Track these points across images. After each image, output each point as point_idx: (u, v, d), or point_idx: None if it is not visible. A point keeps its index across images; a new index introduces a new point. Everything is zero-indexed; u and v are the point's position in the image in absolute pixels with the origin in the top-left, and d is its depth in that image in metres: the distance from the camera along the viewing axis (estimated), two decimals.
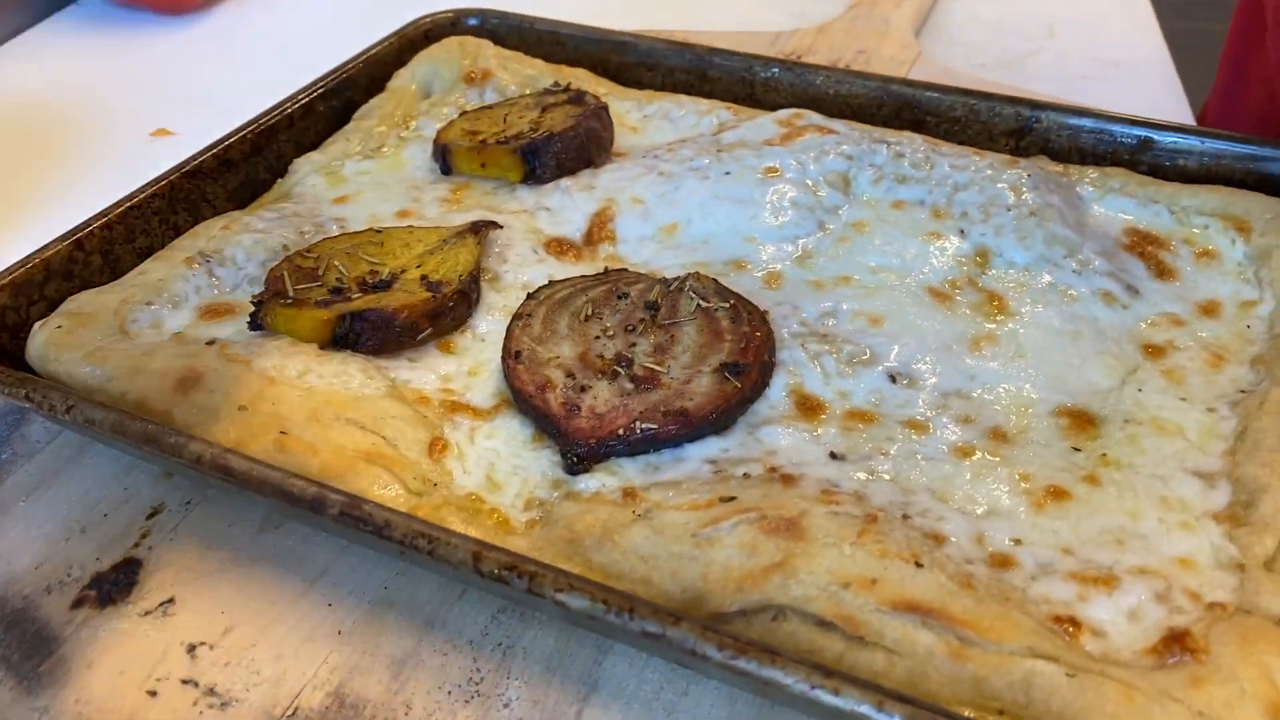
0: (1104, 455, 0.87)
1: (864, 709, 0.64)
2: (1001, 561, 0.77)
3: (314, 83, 1.30)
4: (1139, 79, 1.60)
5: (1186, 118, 1.52)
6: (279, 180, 1.23)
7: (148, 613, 0.83)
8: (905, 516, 0.80)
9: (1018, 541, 0.79)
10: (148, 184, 1.11)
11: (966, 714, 0.68)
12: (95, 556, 0.88)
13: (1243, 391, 0.92)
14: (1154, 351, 0.97)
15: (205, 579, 0.86)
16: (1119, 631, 0.73)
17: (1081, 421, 0.89)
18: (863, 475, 0.84)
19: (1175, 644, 0.71)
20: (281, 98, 1.31)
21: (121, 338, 0.97)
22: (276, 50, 1.75)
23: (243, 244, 1.07)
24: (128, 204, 1.09)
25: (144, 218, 1.10)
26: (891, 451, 0.87)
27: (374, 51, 1.38)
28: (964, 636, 0.70)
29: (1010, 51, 1.68)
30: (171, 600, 0.84)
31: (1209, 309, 1.02)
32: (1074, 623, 0.73)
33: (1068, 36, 1.72)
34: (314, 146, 1.28)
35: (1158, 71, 1.61)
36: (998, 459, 0.86)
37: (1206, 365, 0.95)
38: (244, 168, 1.21)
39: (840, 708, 0.64)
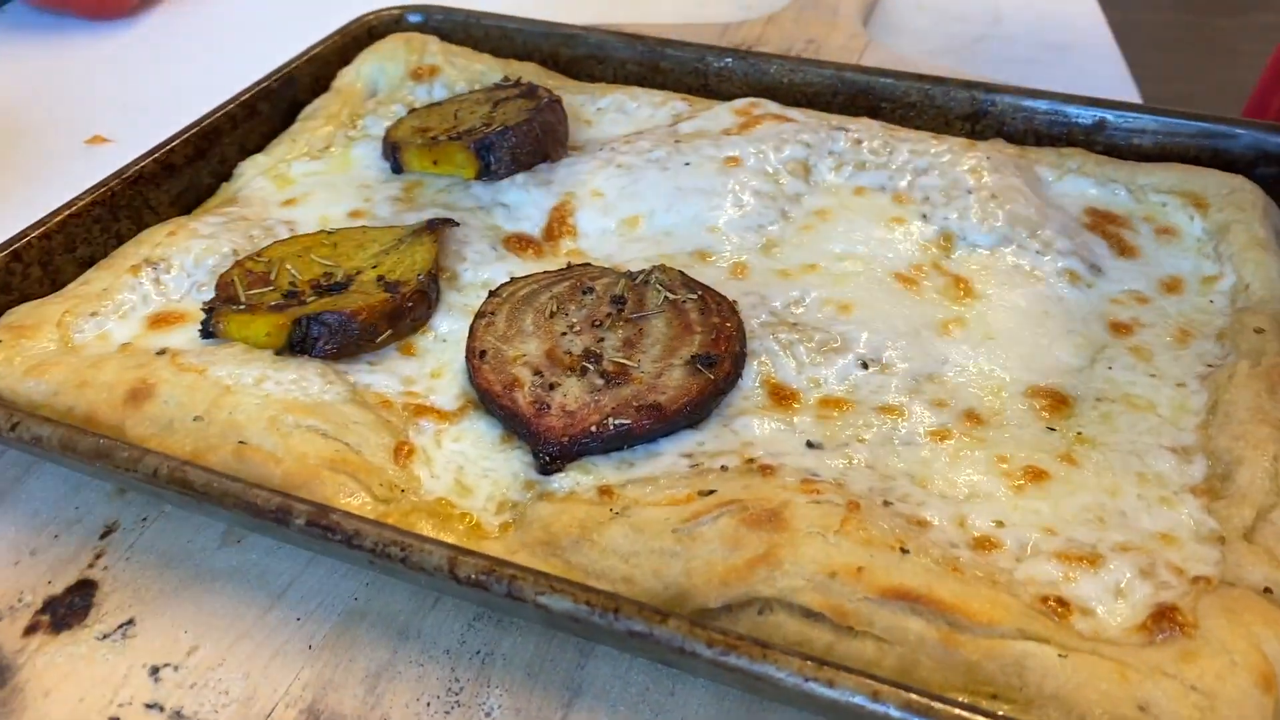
0: (1079, 434, 0.86)
1: (858, 700, 0.63)
2: (985, 544, 0.77)
3: (256, 83, 1.26)
4: (1086, 63, 1.61)
5: (1134, 96, 1.53)
6: (224, 184, 1.20)
7: (106, 635, 0.80)
8: (886, 503, 0.79)
9: (1000, 523, 0.78)
10: (87, 191, 1.07)
11: (960, 699, 0.67)
12: (47, 580, 0.84)
13: (1210, 365, 0.93)
14: (1121, 329, 0.97)
15: (166, 598, 0.82)
16: (1107, 609, 0.72)
17: (1055, 401, 0.89)
18: (841, 463, 0.83)
19: (1164, 619, 0.70)
20: (221, 99, 1.27)
21: (65, 351, 0.93)
22: (211, 53, 1.71)
23: (190, 250, 1.03)
24: (66, 212, 1.04)
25: (85, 226, 1.06)
26: (868, 438, 0.86)
27: (317, 50, 1.35)
28: (954, 621, 0.69)
29: (958, 38, 1.69)
30: (131, 622, 0.81)
31: (1171, 285, 1.02)
32: (1062, 603, 0.72)
33: (1014, 22, 1.73)
34: (259, 149, 1.24)
35: (1104, 55, 1.63)
36: (974, 441, 0.85)
37: (1173, 341, 0.95)
38: (187, 172, 1.17)
39: (835, 699, 0.63)
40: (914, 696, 0.62)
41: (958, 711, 0.62)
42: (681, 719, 0.74)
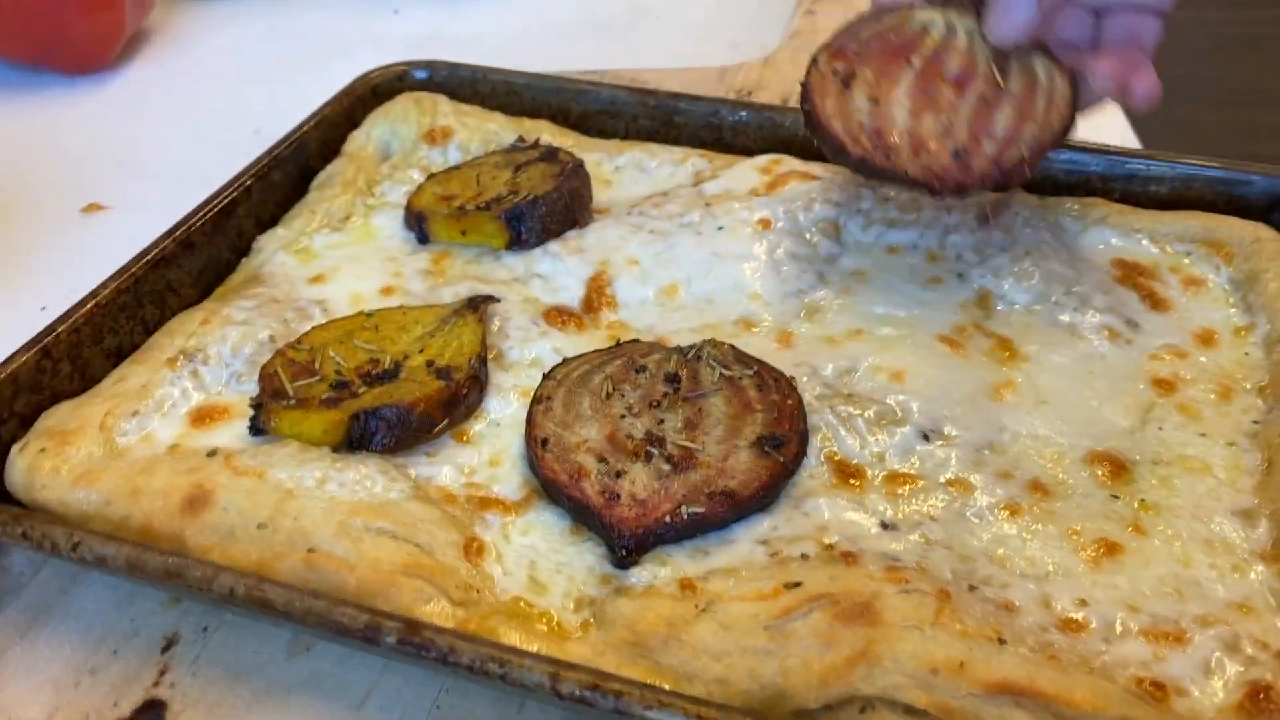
0: (1142, 500, 0.87)
1: None
2: (1072, 625, 0.77)
3: (269, 151, 1.24)
4: None
5: (1126, 130, 1.56)
6: (244, 260, 1.17)
7: None
8: (972, 587, 0.79)
9: (1083, 602, 0.79)
10: (111, 278, 1.04)
11: None
12: (113, 701, 0.81)
13: (1256, 422, 0.95)
14: (1165, 387, 0.98)
15: (240, 715, 0.80)
16: (1201, 690, 0.73)
17: (1115, 467, 0.90)
18: (919, 543, 0.83)
19: (1261, 700, 0.72)
20: (212, 154, 1.25)
21: (111, 455, 0.90)
22: (196, 104, 1.67)
23: (227, 339, 1.00)
24: (92, 302, 1.01)
25: (111, 315, 1.03)
26: (938, 515, 0.86)
27: (324, 113, 1.32)
28: (1059, 714, 0.70)
29: None
30: None
31: (1205, 338, 1.04)
32: (1157, 685, 0.73)
33: None
34: (274, 220, 1.21)
35: None
36: (1044, 514, 0.86)
37: (1217, 397, 0.97)
38: (206, 249, 1.14)
39: None
40: None
41: None
42: None
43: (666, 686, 0.73)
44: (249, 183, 1.20)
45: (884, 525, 0.85)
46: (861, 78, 1.00)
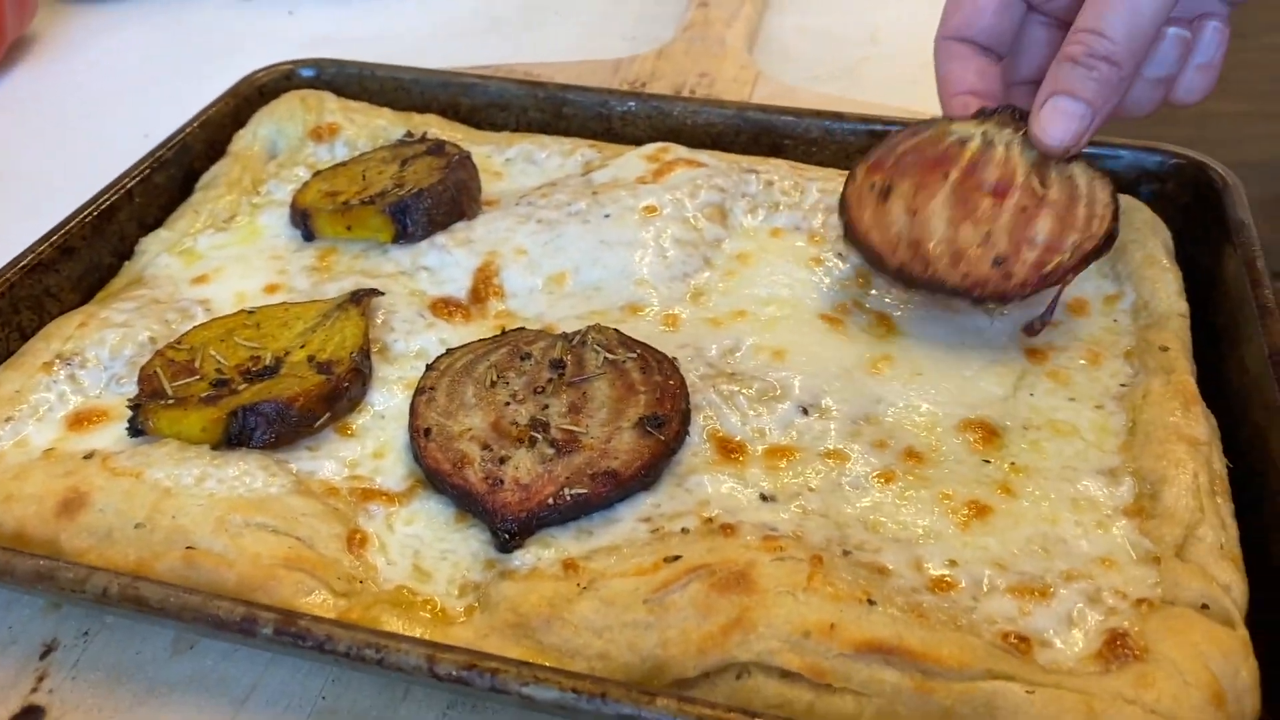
0: (1012, 463, 0.90)
1: None
2: (942, 585, 0.80)
3: (150, 153, 1.22)
4: None
5: None
6: (126, 263, 1.15)
7: None
8: (846, 552, 0.81)
9: (953, 563, 0.81)
10: None
11: None
12: None
13: (1123, 385, 0.98)
14: (1037, 356, 1.01)
15: (121, 716, 0.79)
16: (1063, 640, 0.76)
17: (986, 433, 0.93)
18: (796, 514, 0.85)
19: (1117, 646, 0.74)
20: (99, 160, 1.23)
21: None
22: (85, 110, 1.64)
23: (105, 341, 0.99)
24: None
25: None
26: (816, 485, 0.88)
27: (209, 113, 1.31)
28: (926, 669, 0.72)
29: (841, 60, 1.73)
30: None
31: (1078, 307, 1.08)
32: (1022, 638, 0.76)
33: (891, 41, 1.79)
34: (158, 222, 1.20)
35: None
36: (917, 480, 0.88)
37: (1087, 363, 1.00)
38: (86, 254, 1.12)
39: None
40: None
41: None
42: None
43: (548, 665, 0.74)
44: (130, 185, 1.18)
45: (763, 497, 0.87)
46: (898, 190, 1.01)
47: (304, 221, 1.16)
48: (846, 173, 1.19)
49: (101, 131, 1.58)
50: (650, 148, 1.24)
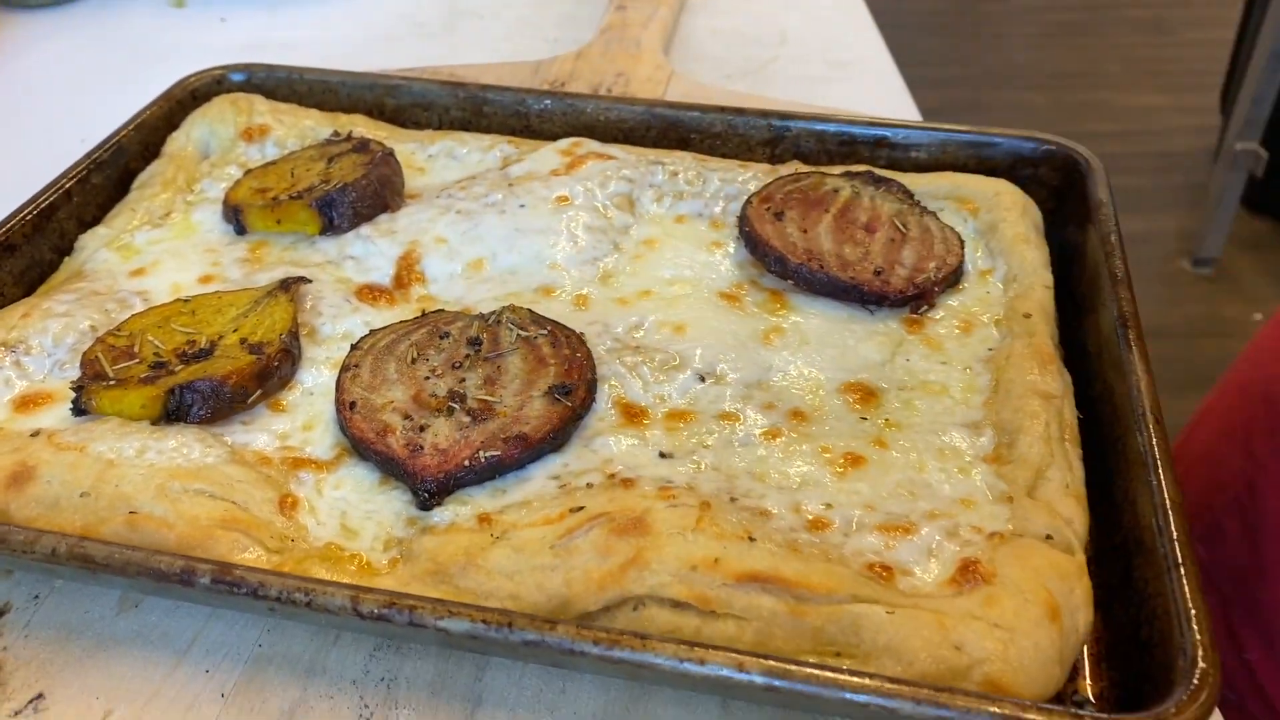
0: (887, 420, 1.00)
1: (726, 672, 0.74)
2: (818, 524, 0.89)
3: (87, 155, 1.28)
4: (867, 77, 1.78)
5: (911, 108, 1.71)
6: (66, 259, 1.21)
7: (18, 712, 0.83)
8: (733, 499, 0.90)
9: (829, 505, 0.91)
10: None
11: (810, 660, 0.78)
12: None
13: (990, 349, 1.08)
14: (914, 325, 1.11)
15: (72, 669, 0.86)
16: (923, 569, 0.85)
17: (864, 394, 1.03)
18: (690, 468, 0.94)
19: (969, 572, 0.84)
20: (37, 163, 1.29)
21: None
22: (23, 115, 1.69)
23: (48, 330, 1.05)
24: None
25: None
26: (711, 443, 0.97)
27: (144, 117, 1.37)
28: (798, 595, 0.81)
29: (751, 61, 1.83)
30: (41, 696, 0.84)
31: (956, 279, 1.18)
32: (885, 568, 0.85)
33: (799, 42, 1.89)
34: (96, 220, 1.26)
35: (883, 70, 1.80)
36: (801, 437, 0.98)
37: (960, 331, 1.11)
38: (27, 250, 1.18)
39: (707, 675, 0.74)
40: (772, 663, 0.74)
41: (809, 670, 0.73)
42: (574, 713, 0.83)
43: None
44: (68, 185, 1.24)
45: (662, 455, 0.96)
46: (789, 216, 1.21)
47: (236, 216, 1.23)
48: (744, 164, 1.30)
49: (39, 135, 1.64)
50: (564, 142, 1.33)
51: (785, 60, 1.83)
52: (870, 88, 1.74)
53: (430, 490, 0.91)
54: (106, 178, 1.30)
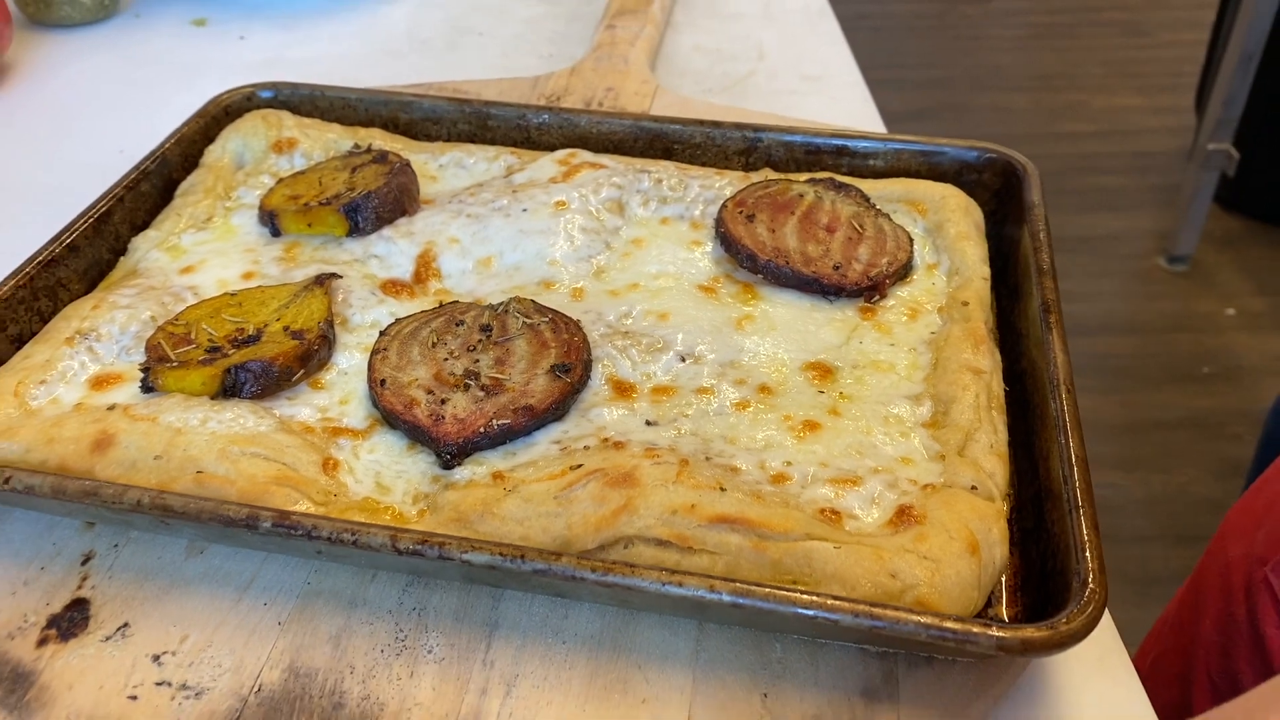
0: (841, 393, 1.16)
1: (700, 593, 0.90)
2: (779, 478, 1.05)
3: (136, 166, 1.44)
4: (836, 90, 1.95)
5: (875, 117, 1.88)
6: (121, 258, 1.37)
7: (108, 638, 0.99)
8: (708, 458, 1.07)
9: (789, 463, 1.07)
10: (9, 277, 1.24)
11: (769, 584, 0.95)
12: (45, 602, 1.02)
13: (933, 333, 1.25)
14: (868, 313, 1.28)
15: (150, 603, 1.02)
16: (866, 513, 1.02)
17: (822, 371, 1.19)
18: (672, 434, 1.10)
19: (904, 515, 1.00)
20: (82, 172, 1.44)
21: (26, 415, 1.10)
22: (63, 129, 1.85)
23: (115, 320, 1.21)
24: None
25: (11, 308, 1.22)
26: (690, 413, 1.13)
27: (183, 131, 1.53)
28: (761, 534, 0.97)
29: (730, 75, 2.00)
30: (126, 625, 1.00)
31: (906, 274, 1.34)
32: (835, 512, 1.02)
33: (775, 58, 2.06)
34: (146, 225, 1.42)
35: (850, 83, 1.97)
36: (767, 407, 1.14)
37: (906, 317, 1.27)
38: (89, 251, 1.34)
39: (685, 595, 0.90)
40: (738, 585, 0.90)
41: (768, 590, 0.89)
42: (575, 634, 1.00)
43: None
44: (121, 193, 1.40)
45: (648, 423, 1.12)
46: (759, 218, 1.37)
47: (271, 220, 1.39)
48: (721, 171, 1.46)
49: (81, 147, 1.79)
50: (561, 153, 1.49)
51: (761, 75, 1.99)
52: (838, 99, 1.91)
53: (451, 453, 1.08)
54: (153, 186, 1.46)
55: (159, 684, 0.95)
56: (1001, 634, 0.87)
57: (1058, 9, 8.42)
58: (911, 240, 1.35)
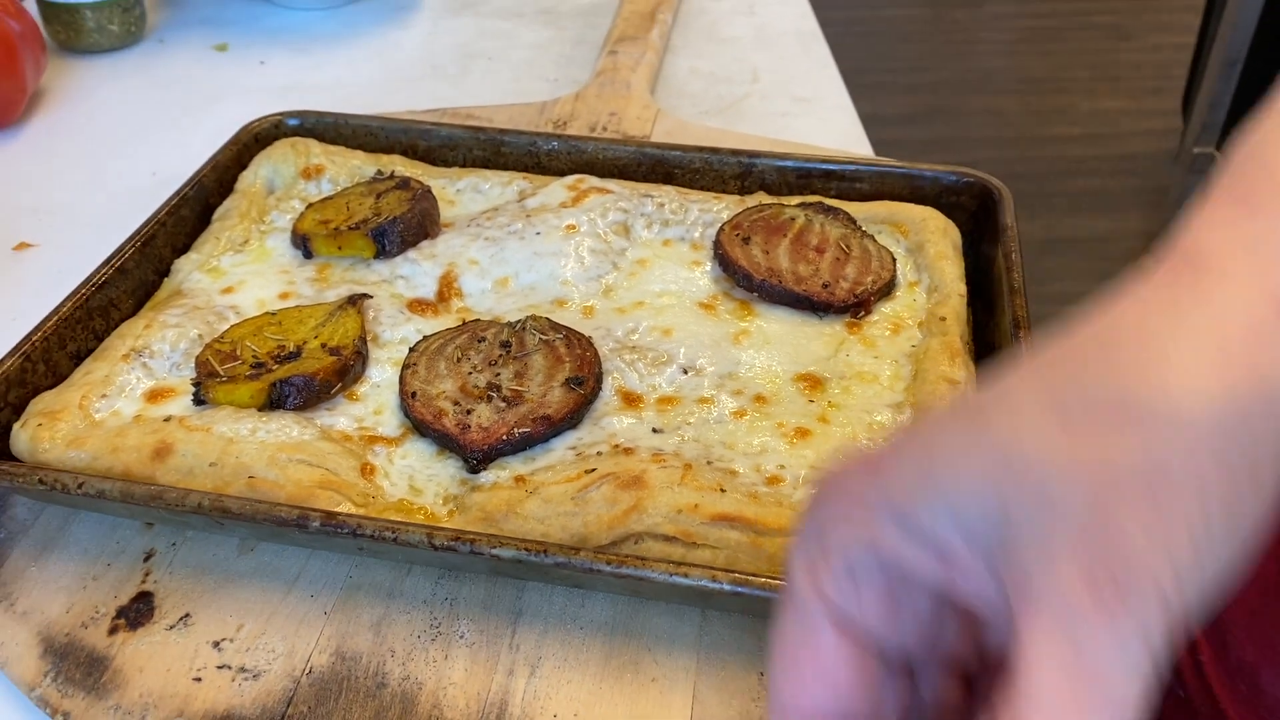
0: (830, 402, 1.28)
1: (704, 582, 1.02)
2: (774, 480, 1.17)
3: (176, 192, 1.55)
4: (826, 112, 2.07)
5: (862, 137, 1.99)
6: (165, 279, 1.49)
7: (171, 627, 1.11)
8: (709, 462, 1.18)
9: (782, 466, 1.19)
10: (66, 299, 1.35)
11: (764, 575, 1.06)
12: (113, 595, 1.14)
13: (914, 346, 1.37)
14: (854, 327, 1.40)
15: (208, 595, 1.14)
16: None
17: (813, 382, 1.31)
18: (677, 440, 1.22)
19: None
20: (117, 194, 1.56)
21: (91, 426, 1.22)
22: (97, 152, 1.95)
23: (166, 338, 1.33)
24: (56, 317, 1.32)
25: (69, 326, 1.34)
26: (692, 421, 1.25)
27: (217, 159, 1.64)
28: (757, 530, 1.09)
29: (726, 98, 2.11)
30: (188, 615, 1.12)
31: (889, 291, 1.46)
32: None
33: (768, 80, 2.17)
34: (187, 247, 1.53)
35: (839, 105, 2.08)
36: (762, 415, 1.26)
37: (889, 332, 1.39)
38: (136, 273, 1.45)
39: (690, 585, 1.02)
40: (737, 575, 1.01)
41: (764, 580, 1.01)
42: (591, 620, 1.11)
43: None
44: (164, 218, 1.51)
45: (654, 430, 1.24)
46: (754, 240, 1.49)
47: (304, 244, 1.50)
48: (719, 195, 1.58)
49: (115, 170, 1.90)
50: (570, 179, 1.61)
51: (755, 97, 2.11)
52: (828, 120, 2.03)
53: (477, 458, 1.19)
54: (192, 210, 1.57)
55: (220, 667, 1.07)
56: None
57: (1046, 13, 8.54)
58: (894, 260, 1.47)
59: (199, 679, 1.06)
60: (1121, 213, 6.33)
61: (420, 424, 1.23)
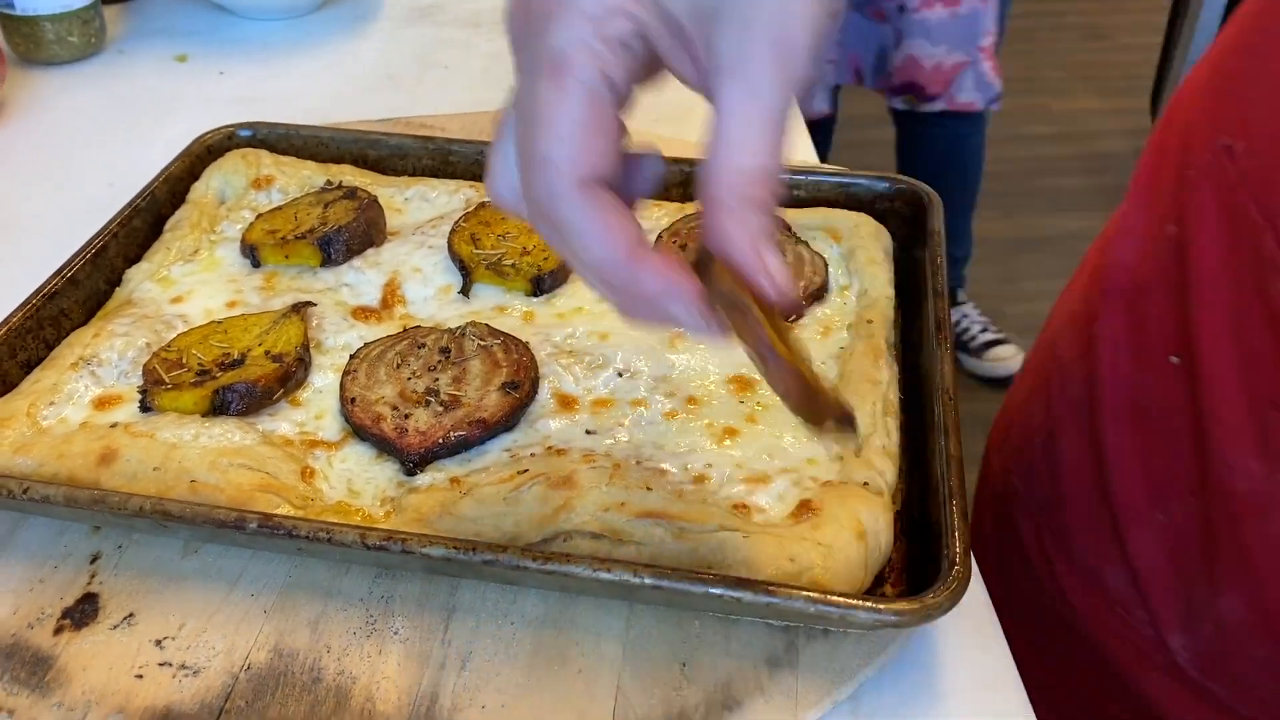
0: (759, 403, 1.32)
1: (626, 576, 1.06)
2: (700, 479, 1.21)
3: (129, 203, 1.59)
4: None
5: (807, 143, 2.04)
6: (116, 289, 1.52)
7: (115, 626, 1.14)
8: (639, 462, 1.22)
9: (709, 465, 1.23)
10: (16, 309, 1.38)
11: (685, 571, 1.10)
12: (59, 596, 1.17)
13: (841, 348, 1.41)
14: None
15: (153, 596, 1.17)
16: (772, 508, 1.18)
17: (743, 384, 1.35)
18: (609, 441, 1.26)
19: (805, 509, 1.16)
20: (76, 205, 1.60)
21: (38, 433, 1.25)
22: (56, 163, 1.98)
23: (114, 346, 1.36)
24: (6, 327, 1.35)
25: (20, 336, 1.37)
26: (626, 423, 1.29)
27: (170, 170, 1.68)
28: (681, 526, 1.13)
29: (675, 105, 2.14)
30: (131, 615, 1.15)
31: (820, 296, 1.51)
32: (746, 507, 1.18)
33: None
34: (138, 258, 1.57)
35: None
36: (692, 416, 1.30)
37: (820, 335, 1.43)
38: (88, 283, 1.49)
39: (613, 579, 1.06)
40: (659, 569, 1.06)
41: (683, 573, 1.05)
42: (522, 615, 1.15)
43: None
44: (116, 229, 1.55)
45: (588, 432, 1.28)
46: (691, 246, 1.53)
47: (252, 253, 1.54)
48: (659, 203, 1.62)
49: (73, 181, 1.93)
50: None
51: (704, 106, 2.14)
52: None
53: (414, 461, 1.23)
54: (144, 221, 1.61)
55: (161, 664, 1.10)
56: (877, 607, 1.03)
57: (1018, 14, 8.59)
58: (827, 265, 1.52)
59: (140, 676, 1.10)
60: (1092, 211, 6.40)
61: (359, 428, 1.27)
